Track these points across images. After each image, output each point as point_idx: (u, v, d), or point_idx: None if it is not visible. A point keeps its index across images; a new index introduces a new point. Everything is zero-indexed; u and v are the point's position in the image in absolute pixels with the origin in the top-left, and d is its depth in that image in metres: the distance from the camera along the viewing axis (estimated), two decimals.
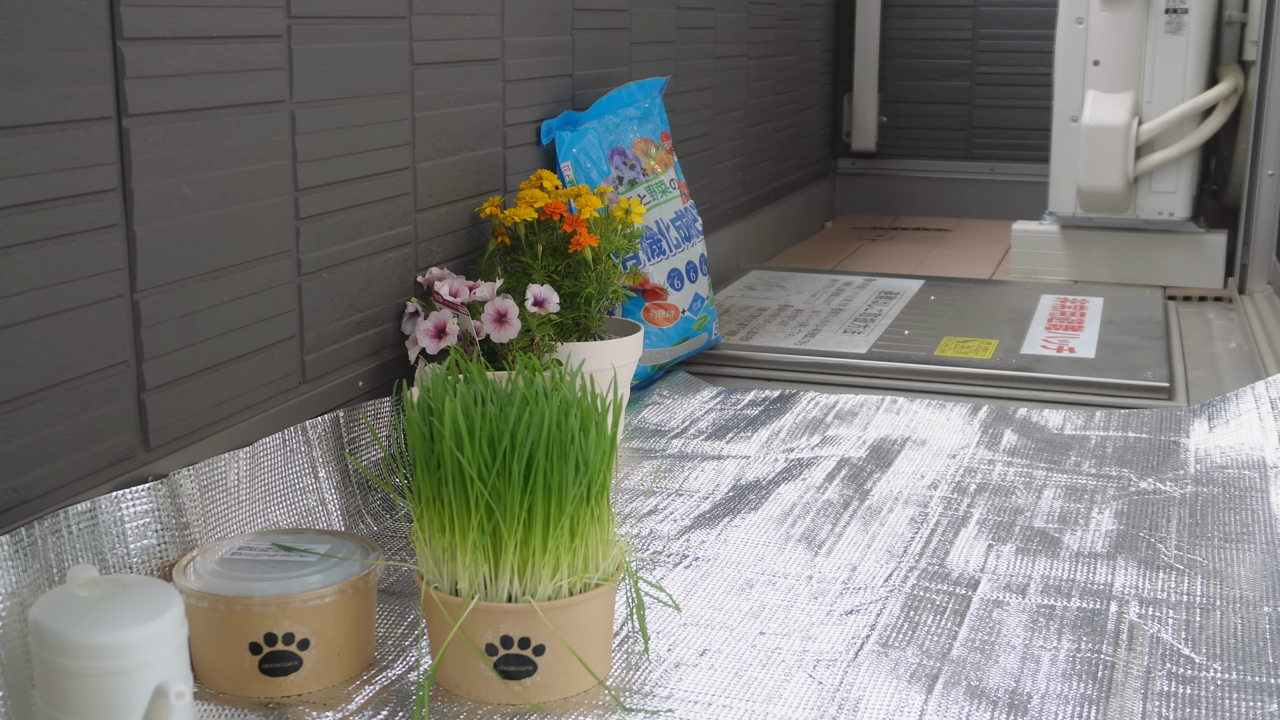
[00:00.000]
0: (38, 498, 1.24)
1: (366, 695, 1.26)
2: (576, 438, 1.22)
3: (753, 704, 1.24)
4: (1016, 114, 4.07)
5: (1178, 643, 1.37)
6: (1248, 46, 3.24)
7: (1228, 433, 2.02)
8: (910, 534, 1.66)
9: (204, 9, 1.40)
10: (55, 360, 1.25)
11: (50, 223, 1.23)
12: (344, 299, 1.69)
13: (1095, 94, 3.21)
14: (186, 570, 1.29)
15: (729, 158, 3.20)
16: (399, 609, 1.44)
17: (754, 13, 3.30)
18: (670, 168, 2.33)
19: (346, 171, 1.67)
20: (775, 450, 1.97)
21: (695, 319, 2.33)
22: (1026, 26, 3.99)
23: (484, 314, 1.76)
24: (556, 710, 1.23)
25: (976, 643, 1.36)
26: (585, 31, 2.34)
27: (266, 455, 1.53)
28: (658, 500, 1.78)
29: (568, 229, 1.95)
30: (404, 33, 1.77)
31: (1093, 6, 3.20)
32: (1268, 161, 3.05)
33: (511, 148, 2.10)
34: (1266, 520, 1.69)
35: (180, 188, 1.38)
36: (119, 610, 1.07)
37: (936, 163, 4.16)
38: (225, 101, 1.44)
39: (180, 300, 1.40)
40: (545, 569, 1.22)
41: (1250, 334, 2.71)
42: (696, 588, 1.50)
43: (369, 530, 1.64)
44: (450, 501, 1.22)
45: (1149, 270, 3.26)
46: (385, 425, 1.75)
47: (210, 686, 1.26)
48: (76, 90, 1.24)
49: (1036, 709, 1.23)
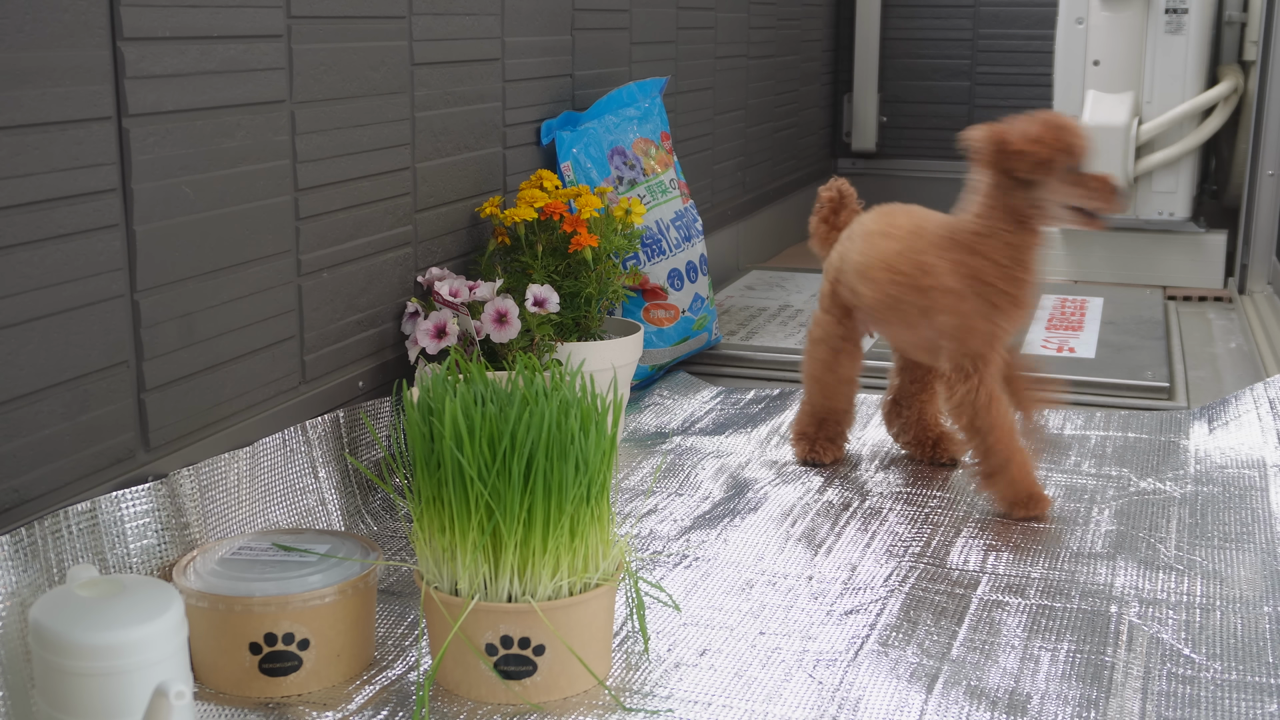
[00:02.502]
0: (38, 498, 1.24)
1: (366, 695, 1.26)
2: (576, 438, 1.22)
3: (753, 704, 1.24)
4: (1016, 114, 4.07)
5: (1178, 643, 1.37)
6: (1248, 46, 3.24)
7: (1228, 433, 2.02)
8: (910, 534, 1.66)
9: (204, 9, 1.40)
10: (55, 360, 1.25)
11: (50, 223, 1.23)
12: (344, 299, 1.69)
13: (1095, 94, 3.21)
14: (186, 570, 1.29)
15: (729, 158, 3.20)
16: (399, 609, 1.44)
17: (754, 13, 3.30)
18: (670, 168, 2.33)
19: (346, 171, 1.67)
20: (775, 450, 1.97)
21: (695, 319, 2.33)
22: (1026, 26, 3.99)
23: (484, 314, 1.76)
24: (556, 710, 1.23)
25: (976, 643, 1.37)
26: (585, 31, 2.34)
27: (266, 455, 1.53)
28: (658, 500, 1.78)
29: (568, 229, 1.95)
30: (404, 33, 1.77)
31: (1093, 6, 3.20)
32: (1268, 161, 3.05)
33: (511, 148, 2.10)
34: (1266, 520, 1.69)
35: (180, 188, 1.38)
36: (119, 610, 1.07)
37: (936, 163, 4.16)
38: (225, 101, 1.44)
39: (180, 300, 1.40)
40: (545, 569, 1.22)
41: (1250, 334, 2.71)
42: (696, 588, 1.50)
43: (369, 530, 1.64)
44: (450, 501, 1.22)
45: (1149, 270, 3.26)
46: (385, 425, 1.75)
47: (210, 686, 1.26)
48: (76, 90, 1.24)
49: (1036, 709, 1.23)
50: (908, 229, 1.75)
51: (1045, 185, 1.63)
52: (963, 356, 1.69)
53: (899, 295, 1.73)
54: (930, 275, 1.69)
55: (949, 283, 1.68)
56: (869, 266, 1.76)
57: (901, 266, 1.72)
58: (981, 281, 1.67)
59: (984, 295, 1.67)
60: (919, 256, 1.71)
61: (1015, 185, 1.64)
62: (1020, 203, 1.65)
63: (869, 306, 1.79)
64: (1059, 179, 1.62)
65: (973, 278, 1.67)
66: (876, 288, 1.75)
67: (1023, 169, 1.62)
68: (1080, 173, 1.63)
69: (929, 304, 1.71)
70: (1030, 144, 1.61)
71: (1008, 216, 1.66)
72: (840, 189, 1.91)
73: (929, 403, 1.93)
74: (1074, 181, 1.62)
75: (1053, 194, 1.63)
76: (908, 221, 1.76)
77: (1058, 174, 1.62)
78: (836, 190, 1.92)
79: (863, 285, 1.77)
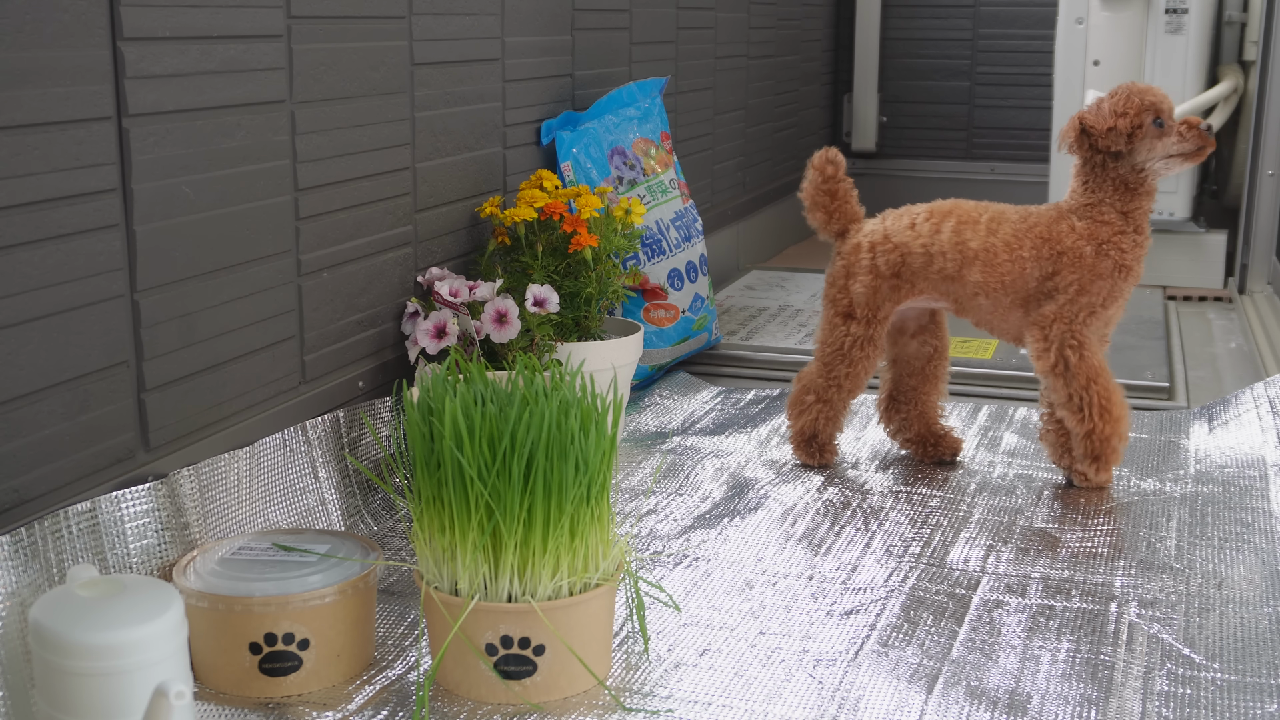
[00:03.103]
0: (38, 498, 1.24)
1: (366, 695, 1.26)
2: (576, 438, 1.22)
3: (753, 704, 1.24)
4: (1016, 114, 4.07)
5: (1177, 643, 1.37)
6: (1248, 46, 3.24)
7: (1228, 433, 2.02)
8: (910, 534, 1.66)
9: (204, 9, 1.40)
10: (55, 360, 1.25)
11: (50, 223, 1.23)
12: (344, 299, 1.69)
13: (1095, 94, 3.20)
14: (186, 570, 1.29)
15: (729, 158, 3.20)
16: (399, 609, 1.44)
17: (754, 13, 3.30)
18: (670, 168, 2.33)
19: (346, 171, 1.67)
20: (775, 450, 1.97)
21: (695, 319, 2.33)
22: (1026, 26, 3.99)
23: (484, 314, 1.76)
24: (556, 710, 1.23)
25: (976, 643, 1.37)
26: (585, 31, 2.34)
27: (266, 455, 1.53)
28: (658, 500, 1.78)
29: (568, 229, 1.95)
30: (404, 33, 1.77)
31: (1093, 6, 3.20)
32: (1268, 161, 3.05)
33: (511, 148, 2.10)
34: (1266, 520, 1.69)
35: (180, 188, 1.38)
36: (119, 610, 1.07)
37: (936, 163, 4.16)
38: (225, 101, 1.44)
39: (180, 300, 1.40)
40: (545, 569, 1.22)
41: (1250, 334, 2.71)
42: (696, 588, 1.50)
43: (369, 530, 1.64)
44: (450, 501, 1.22)
45: (1149, 270, 3.24)
46: (385, 425, 1.75)
47: (210, 686, 1.26)
48: (76, 90, 1.24)
49: (1036, 709, 1.23)
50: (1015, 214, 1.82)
51: (1139, 149, 1.75)
52: (1076, 307, 1.77)
53: (1022, 272, 1.78)
54: (1058, 244, 1.77)
55: (1077, 246, 1.76)
56: (985, 252, 1.80)
57: (1026, 245, 1.78)
58: (1106, 243, 1.76)
59: (1110, 255, 1.76)
60: (1042, 231, 1.78)
61: (1115, 159, 1.76)
62: (1125, 172, 1.76)
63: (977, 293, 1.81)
64: (1151, 138, 1.74)
65: (1097, 240, 1.76)
66: (996, 270, 1.79)
67: (1117, 144, 1.74)
68: (1165, 125, 1.75)
69: (1055, 270, 1.77)
70: (1115, 119, 1.74)
71: (1112, 186, 1.77)
72: (836, 159, 1.92)
73: (929, 396, 1.93)
74: (1163, 134, 1.75)
75: (1150, 152, 1.75)
76: (1007, 210, 1.84)
77: (1148, 135, 1.74)
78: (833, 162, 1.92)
79: (976, 272, 1.80)
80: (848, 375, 1.87)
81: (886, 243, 1.85)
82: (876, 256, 1.85)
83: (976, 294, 1.82)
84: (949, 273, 1.81)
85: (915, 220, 1.85)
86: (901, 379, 1.93)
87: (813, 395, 1.89)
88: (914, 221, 1.84)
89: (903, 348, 1.93)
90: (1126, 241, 1.77)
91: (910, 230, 1.84)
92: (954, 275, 1.81)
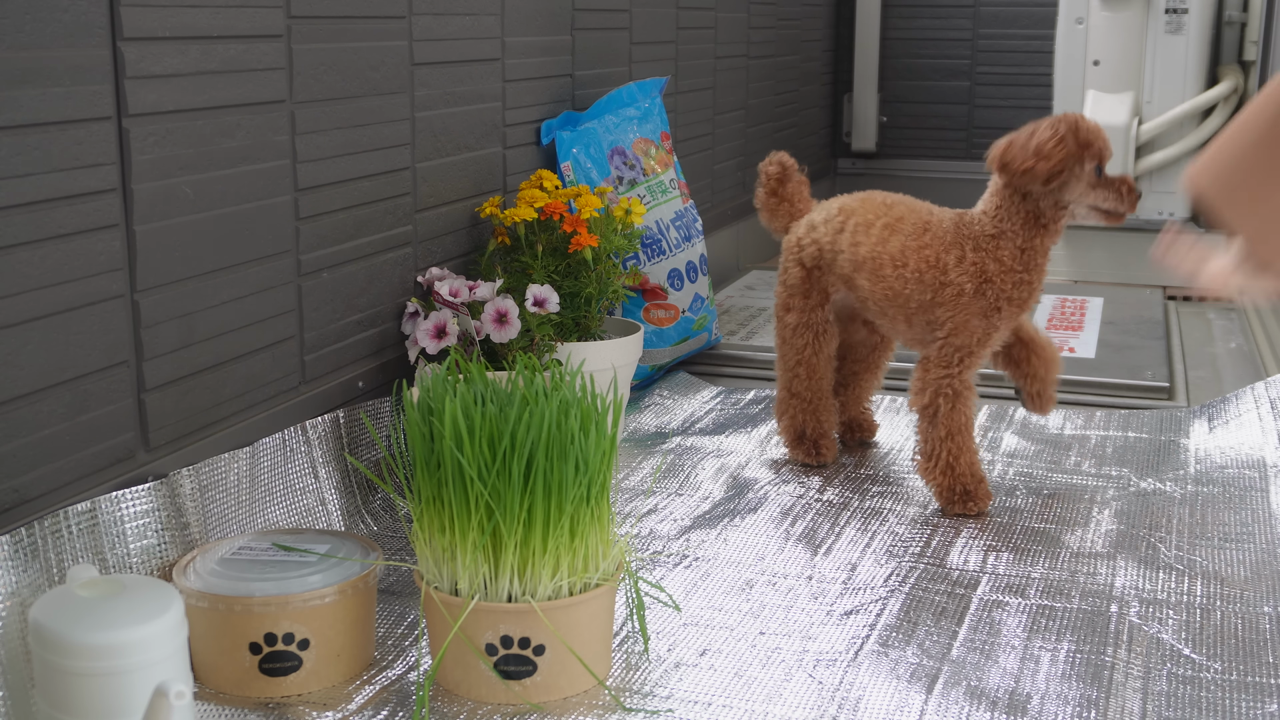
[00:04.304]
0: (38, 498, 1.24)
1: (366, 695, 1.26)
2: (576, 438, 1.22)
3: (753, 704, 1.24)
4: (1016, 114, 4.07)
5: (1178, 643, 1.37)
6: (1248, 46, 3.24)
7: (1228, 433, 2.02)
8: (910, 534, 1.66)
9: (204, 9, 1.40)
10: (55, 360, 1.25)
11: (50, 223, 1.23)
12: (344, 299, 1.69)
13: (1095, 94, 3.21)
14: (186, 570, 1.29)
15: (729, 158, 3.20)
16: (399, 609, 1.44)
17: (754, 13, 3.30)
18: (670, 168, 2.33)
19: (346, 171, 1.67)
20: (775, 450, 1.97)
21: (695, 319, 2.33)
22: (1026, 26, 3.99)
23: (484, 314, 1.76)
24: (556, 710, 1.23)
25: (976, 643, 1.37)
26: (585, 31, 2.34)
27: (266, 455, 1.53)
28: (658, 500, 1.78)
29: (568, 229, 1.95)
30: (404, 33, 1.77)
31: (1093, 6, 3.20)
32: None
33: (511, 148, 2.10)
34: (1266, 520, 1.69)
35: (180, 188, 1.38)
36: (119, 610, 1.07)
37: (936, 163, 4.16)
38: (225, 101, 1.44)
39: (180, 300, 1.40)
40: (545, 569, 1.22)
41: (1250, 334, 2.71)
42: (696, 588, 1.50)
43: (369, 530, 1.64)
44: (450, 501, 1.22)
45: (1149, 270, 3.26)
46: (385, 425, 1.75)
47: (210, 686, 1.26)
48: (76, 90, 1.24)
49: (1036, 709, 1.23)
50: (913, 223, 1.75)
51: (1067, 187, 1.66)
52: (953, 350, 1.71)
53: (903, 290, 1.74)
54: (942, 273, 1.71)
55: (959, 281, 1.69)
56: (872, 260, 1.76)
57: (911, 262, 1.73)
58: (988, 282, 1.69)
59: (988, 296, 1.69)
60: (931, 253, 1.72)
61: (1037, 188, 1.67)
62: (1044, 204, 1.68)
63: (866, 298, 1.79)
64: (1082, 181, 1.65)
65: (981, 278, 1.69)
66: (881, 282, 1.75)
67: (1030, 186, 1.65)
68: (1102, 175, 1.67)
69: (934, 299, 1.72)
70: (1035, 160, 1.63)
71: (1022, 218, 1.68)
72: (782, 161, 1.93)
73: (867, 383, 1.99)
74: (1096, 184, 1.66)
75: (1081, 196, 1.67)
76: (909, 214, 1.77)
77: (1079, 177, 1.65)
78: (778, 164, 1.93)
79: (864, 278, 1.77)
80: (799, 363, 1.89)
81: (808, 236, 1.86)
82: (802, 250, 1.87)
83: (866, 299, 1.80)
84: (845, 274, 1.81)
85: (830, 215, 1.85)
86: (844, 364, 1.97)
87: (786, 392, 1.92)
88: (829, 217, 1.85)
89: (852, 334, 1.96)
90: (1012, 280, 1.69)
91: (824, 225, 1.84)
92: (848, 278, 1.81)
